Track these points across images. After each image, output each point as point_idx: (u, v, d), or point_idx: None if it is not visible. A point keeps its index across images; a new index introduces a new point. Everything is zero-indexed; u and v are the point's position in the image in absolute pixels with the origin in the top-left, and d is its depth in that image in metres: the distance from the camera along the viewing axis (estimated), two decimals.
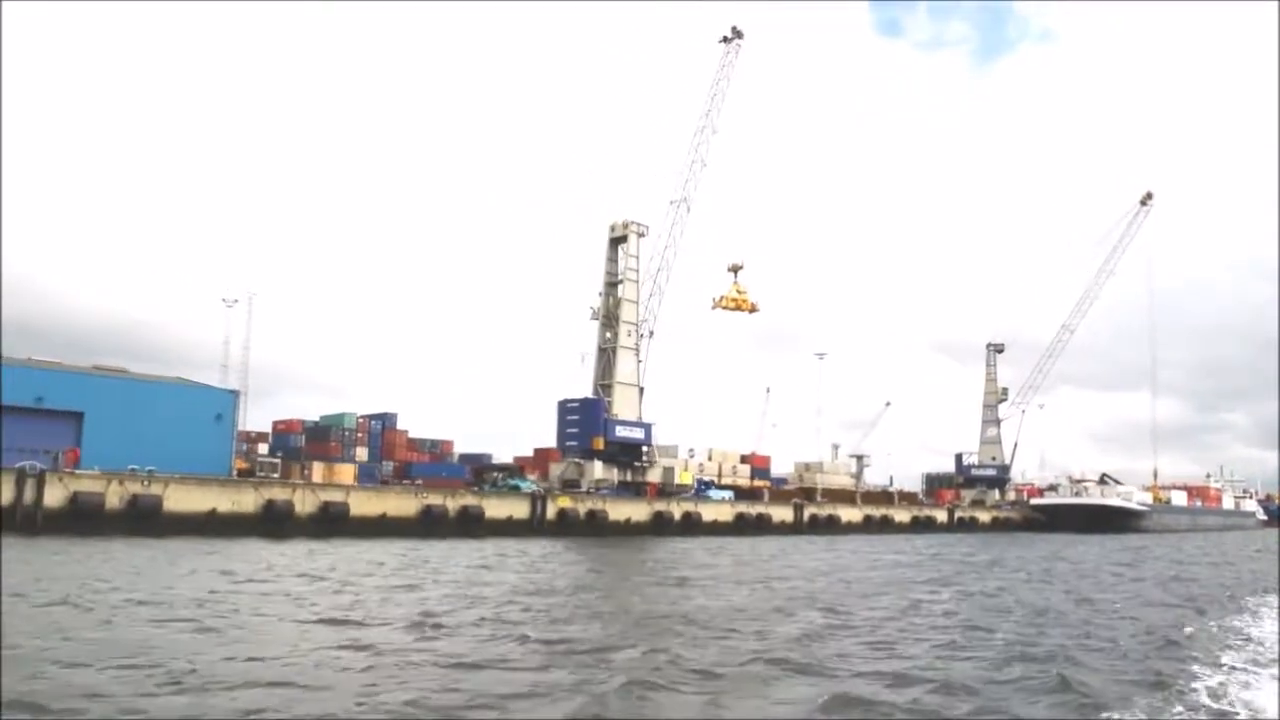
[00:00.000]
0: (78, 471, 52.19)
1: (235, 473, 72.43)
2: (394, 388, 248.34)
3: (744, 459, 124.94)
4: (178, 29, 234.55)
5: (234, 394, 76.88)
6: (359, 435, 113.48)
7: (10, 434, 64.25)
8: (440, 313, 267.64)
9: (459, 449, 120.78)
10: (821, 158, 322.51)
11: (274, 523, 55.14)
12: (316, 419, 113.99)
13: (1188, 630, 25.06)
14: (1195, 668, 19.11)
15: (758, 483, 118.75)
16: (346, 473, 76.78)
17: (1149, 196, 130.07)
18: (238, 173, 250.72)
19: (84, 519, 48.93)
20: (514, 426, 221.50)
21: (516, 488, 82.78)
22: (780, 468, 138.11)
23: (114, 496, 50.59)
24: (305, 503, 57.52)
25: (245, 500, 55.49)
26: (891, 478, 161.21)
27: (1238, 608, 31.93)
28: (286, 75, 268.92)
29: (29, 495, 48.45)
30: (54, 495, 49.00)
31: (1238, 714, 15.18)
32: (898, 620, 26.49)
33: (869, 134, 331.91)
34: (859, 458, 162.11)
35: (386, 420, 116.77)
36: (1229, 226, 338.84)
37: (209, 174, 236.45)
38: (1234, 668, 19.40)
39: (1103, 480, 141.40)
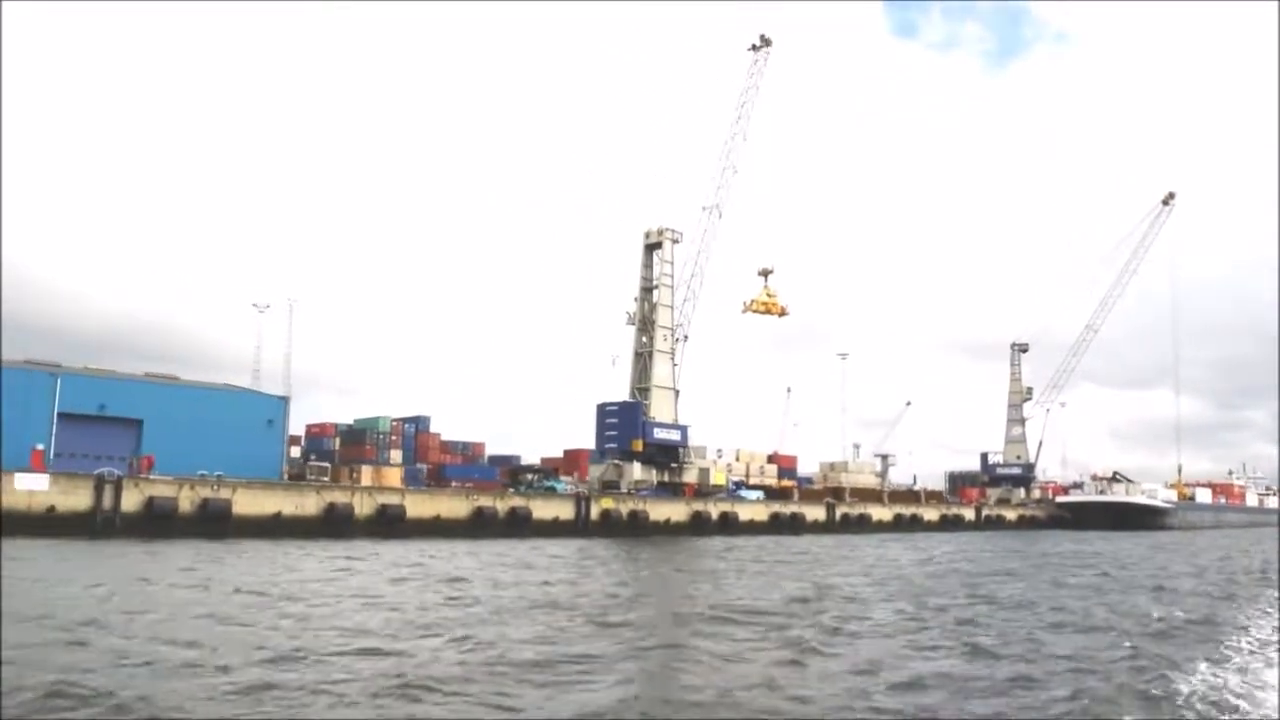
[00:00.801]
0: (152, 477, 54.18)
1: (285, 477, 74.66)
2: (417, 389, 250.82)
3: (770, 459, 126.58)
4: (211, 34, 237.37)
5: (284, 400, 79.12)
6: (393, 438, 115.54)
7: (74, 440, 66.81)
8: (464, 315, 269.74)
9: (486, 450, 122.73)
10: (840, 158, 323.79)
11: (335, 525, 57.12)
12: (350, 422, 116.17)
13: None
14: None
15: (785, 482, 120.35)
16: (393, 476, 78.85)
17: (1171, 197, 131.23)
18: (265, 176, 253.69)
19: (159, 522, 50.98)
20: (539, 427, 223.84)
21: (553, 489, 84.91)
22: (804, 467, 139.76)
23: (186, 501, 52.66)
24: (364, 505, 59.55)
25: (308, 503, 57.52)
26: (915, 476, 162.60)
27: None
28: (319, 80, 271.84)
29: (108, 500, 50.47)
30: (130, 500, 51.09)
31: None
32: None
33: (886, 134, 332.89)
34: (884, 457, 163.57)
35: (420, 423, 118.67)
36: (1249, 223, 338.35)
37: (237, 178, 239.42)
38: None
39: (1114, 478, 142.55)
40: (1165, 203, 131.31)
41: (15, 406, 64.34)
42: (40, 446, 61.65)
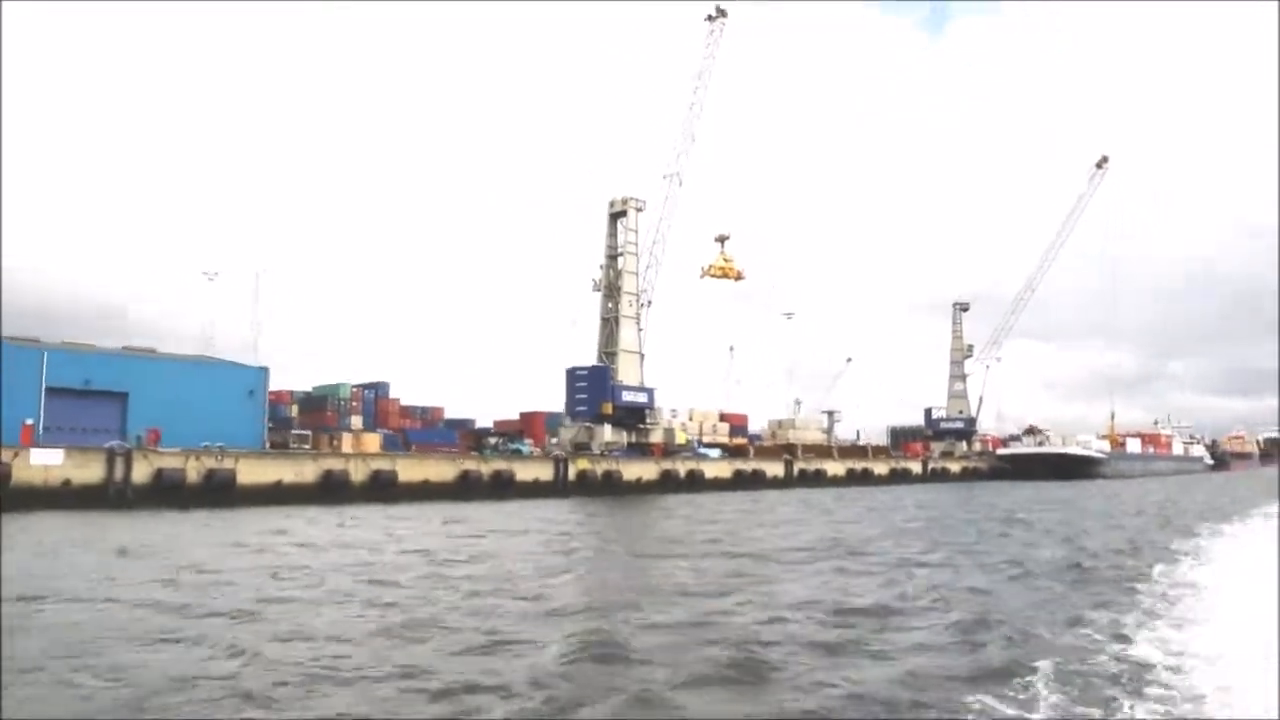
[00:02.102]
0: (160, 449, 56.02)
1: (267, 446, 76.25)
2: (365, 353, 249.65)
3: (722, 417, 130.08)
4: (182, 28, 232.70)
5: (264, 371, 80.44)
6: (354, 404, 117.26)
7: (62, 414, 67.79)
8: (414, 279, 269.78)
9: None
10: (784, 121, 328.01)
11: (332, 491, 59.53)
12: (309, 389, 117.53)
13: None
14: None
15: (737, 440, 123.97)
16: (372, 442, 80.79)
17: (1104, 160, 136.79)
18: (219, 145, 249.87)
19: (167, 493, 53.00)
20: (490, 390, 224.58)
21: (518, 451, 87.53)
22: (751, 424, 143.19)
23: (193, 471, 54.72)
24: (358, 471, 62.07)
25: (306, 471, 59.92)
26: (859, 432, 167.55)
27: None
28: (279, 55, 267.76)
29: (119, 472, 52.38)
30: (141, 472, 53.06)
31: None
32: None
33: (830, 97, 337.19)
34: (830, 413, 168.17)
35: (379, 389, 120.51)
36: (1181, 181, 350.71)
37: (188, 148, 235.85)
38: None
39: (1030, 431, 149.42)
40: (1099, 166, 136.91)
41: (2, 382, 65.20)
42: (30, 421, 62.89)
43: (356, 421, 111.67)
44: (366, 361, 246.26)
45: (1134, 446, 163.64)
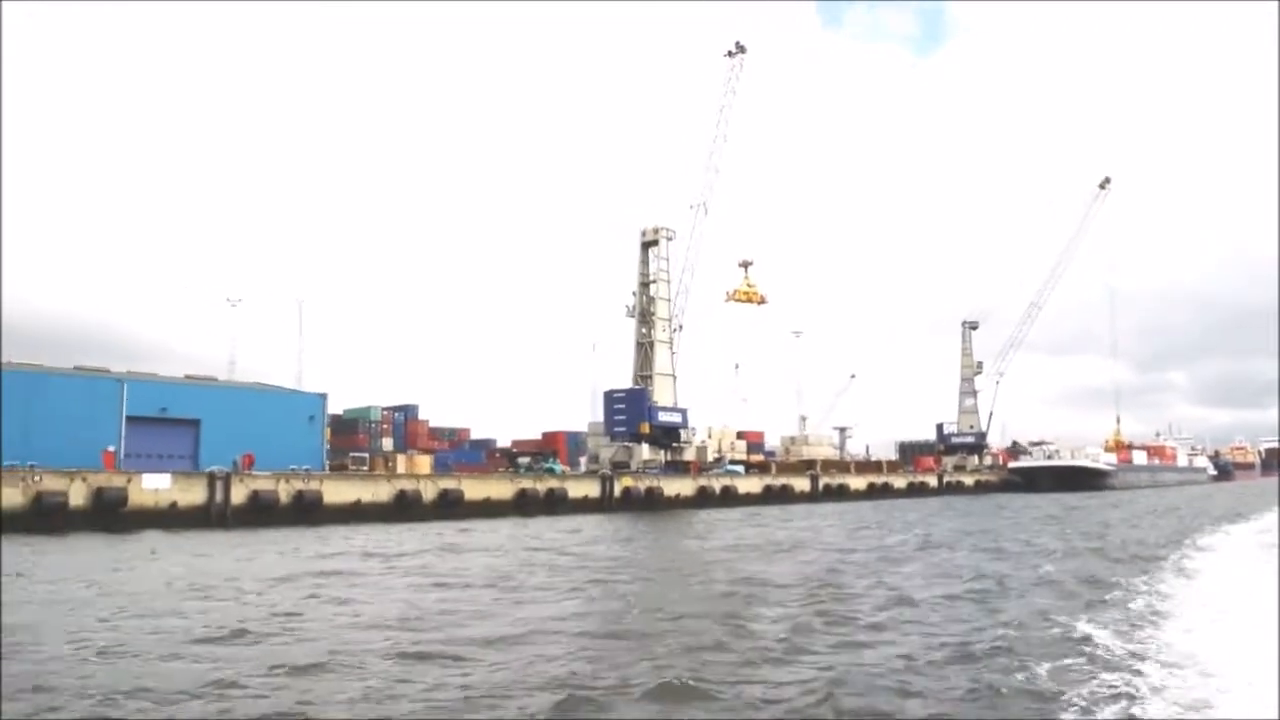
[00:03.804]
0: (254, 473, 60.16)
1: (327, 468, 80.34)
2: (392, 373, 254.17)
3: (740, 435, 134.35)
4: (201, 35, 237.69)
5: (323, 397, 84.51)
6: (384, 426, 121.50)
7: (140, 441, 72.01)
8: (436, 302, 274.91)
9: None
10: (800, 147, 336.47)
11: (405, 508, 63.69)
12: (339, 412, 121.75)
13: None
14: None
15: (755, 457, 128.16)
16: (424, 463, 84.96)
17: (1107, 181, 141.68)
18: (241, 169, 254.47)
19: (262, 513, 57.10)
20: (506, 410, 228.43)
21: (551, 470, 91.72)
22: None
23: (284, 493, 58.80)
24: (429, 491, 66.19)
25: (382, 491, 64.03)
26: (868, 447, 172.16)
27: None
28: (309, 76, 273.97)
29: (219, 495, 56.53)
30: (238, 494, 57.16)
31: None
32: None
33: (840, 126, 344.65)
34: (842, 430, 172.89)
35: (409, 411, 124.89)
36: (1179, 199, 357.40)
37: (219, 170, 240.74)
38: None
39: (1014, 448, 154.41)
40: (1102, 186, 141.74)
41: (82, 410, 69.30)
42: (111, 449, 67.01)
43: (387, 443, 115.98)
44: (391, 382, 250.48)
45: (1140, 458, 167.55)
